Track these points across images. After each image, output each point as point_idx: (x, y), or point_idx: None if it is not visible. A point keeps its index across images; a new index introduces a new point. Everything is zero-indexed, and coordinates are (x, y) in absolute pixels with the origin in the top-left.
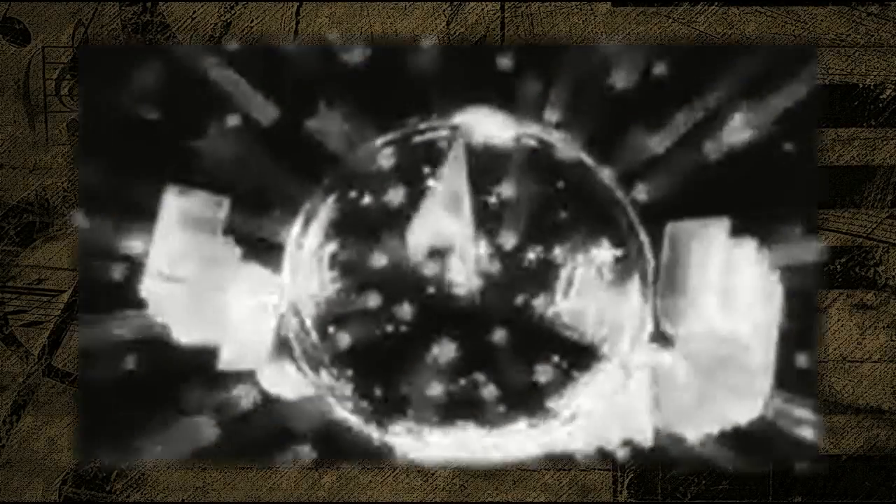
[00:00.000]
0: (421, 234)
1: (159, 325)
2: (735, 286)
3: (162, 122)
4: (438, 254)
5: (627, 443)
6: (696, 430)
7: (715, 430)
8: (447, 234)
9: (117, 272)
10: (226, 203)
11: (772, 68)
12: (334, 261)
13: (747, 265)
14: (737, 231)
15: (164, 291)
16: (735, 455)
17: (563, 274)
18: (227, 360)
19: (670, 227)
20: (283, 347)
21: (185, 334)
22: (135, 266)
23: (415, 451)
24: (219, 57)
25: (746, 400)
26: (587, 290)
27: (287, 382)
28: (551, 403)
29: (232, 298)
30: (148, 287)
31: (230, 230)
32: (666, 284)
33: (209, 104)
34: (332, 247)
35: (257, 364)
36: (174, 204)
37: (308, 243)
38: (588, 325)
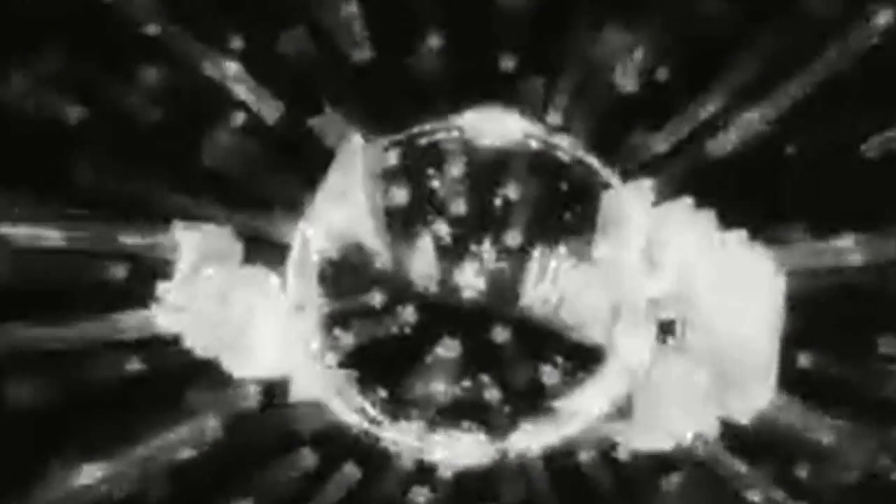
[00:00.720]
0: (317, 228)
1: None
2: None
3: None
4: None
5: (698, 436)
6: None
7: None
8: (342, 229)
9: None
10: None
11: None
12: (338, 262)
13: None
14: None
15: (206, 325)
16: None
17: (539, 267)
18: (299, 391)
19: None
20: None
21: (238, 368)
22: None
23: (420, 452)
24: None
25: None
26: (581, 287)
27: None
28: (558, 403)
29: (277, 325)
30: (181, 322)
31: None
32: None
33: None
34: (336, 248)
35: (328, 393)
36: (189, 240)
37: (313, 244)
38: (588, 323)
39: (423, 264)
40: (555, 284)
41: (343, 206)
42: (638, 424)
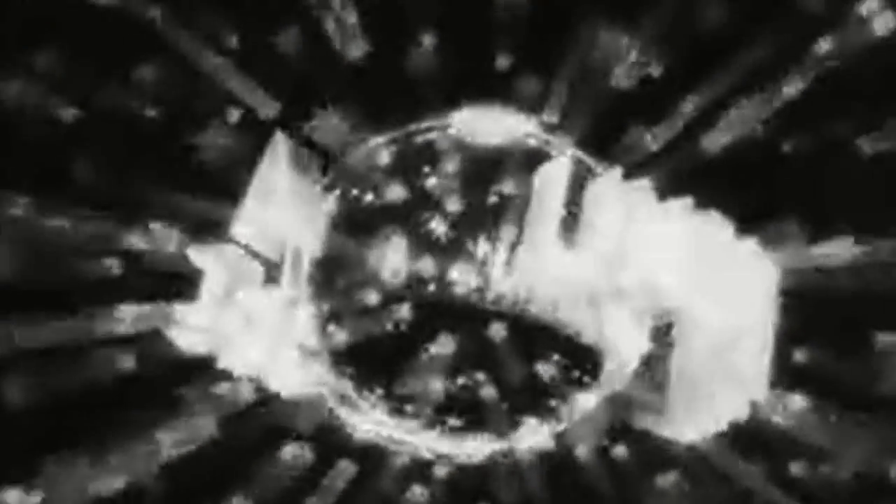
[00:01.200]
0: (247, 226)
1: None
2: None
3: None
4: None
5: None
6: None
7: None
8: (273, 228)
9: None
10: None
11: None
12: (334, 259)
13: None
14: None
15: (239, 346)
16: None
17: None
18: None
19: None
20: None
21: (285, 387)
22: None
23: (415, 447)
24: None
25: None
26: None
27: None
28: (554, 400)
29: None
30: (213, 344)
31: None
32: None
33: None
34: (332, 245)
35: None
36: (213, 264)
37: (308, 243)
38: (566, 310)
39: (391, 262)
40: (523, 276)
41: (271, 205)
42: (673, 417)
